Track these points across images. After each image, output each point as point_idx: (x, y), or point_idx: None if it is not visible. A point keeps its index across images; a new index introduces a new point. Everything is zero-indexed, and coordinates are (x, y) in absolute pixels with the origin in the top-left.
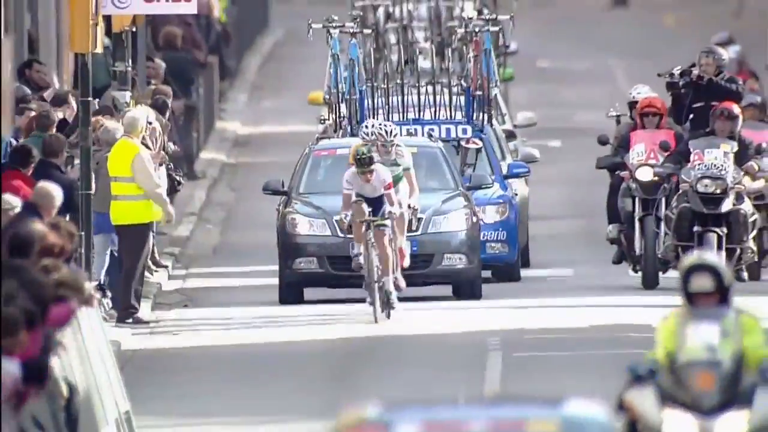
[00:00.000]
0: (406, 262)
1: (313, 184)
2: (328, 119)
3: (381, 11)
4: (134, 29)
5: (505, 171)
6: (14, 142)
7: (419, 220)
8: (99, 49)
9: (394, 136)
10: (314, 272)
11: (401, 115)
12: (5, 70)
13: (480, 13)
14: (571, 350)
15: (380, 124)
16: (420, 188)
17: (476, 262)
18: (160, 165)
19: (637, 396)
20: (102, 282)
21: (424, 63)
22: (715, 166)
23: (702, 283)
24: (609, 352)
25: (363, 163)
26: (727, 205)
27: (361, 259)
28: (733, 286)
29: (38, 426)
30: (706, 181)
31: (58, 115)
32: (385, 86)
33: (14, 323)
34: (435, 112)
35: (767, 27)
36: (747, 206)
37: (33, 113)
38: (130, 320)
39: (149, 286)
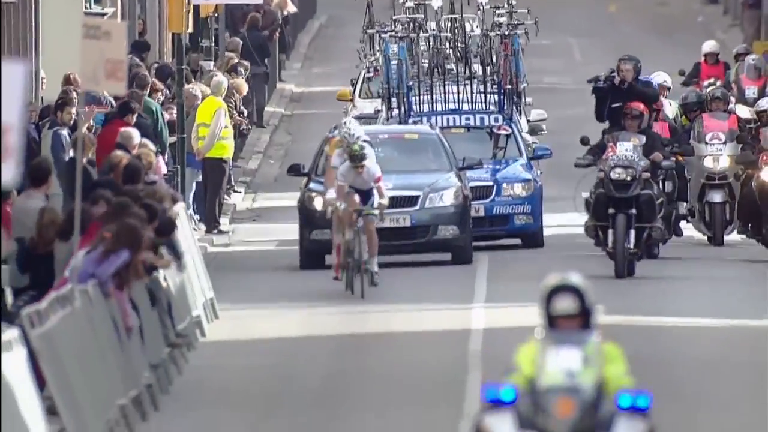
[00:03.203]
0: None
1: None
2: (381, 110)
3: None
4: (216, 15)
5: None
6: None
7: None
8: (190, 30)
9: (357, 138)
10: (330, 241)
11: (443, 105)
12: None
13: (510, 16)
14: (536, 258)
15: (347, 128)
16: (418, 169)
17: (467, 232)
18: (240, 116)
19: (495, 421)
20: (192, 202)
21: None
22: (625, 157)
23: (564, 305)
24: (565, 253)
25: (356, 158)
26: (635, 190)
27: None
28: (596, 308)
29: (134, 308)
30: (618, 170)
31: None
32: (430, 82)
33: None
34: (471, 103)
35: (688, 14)
36: (654, 190)
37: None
38: (215, 231)
39: (227, 206)
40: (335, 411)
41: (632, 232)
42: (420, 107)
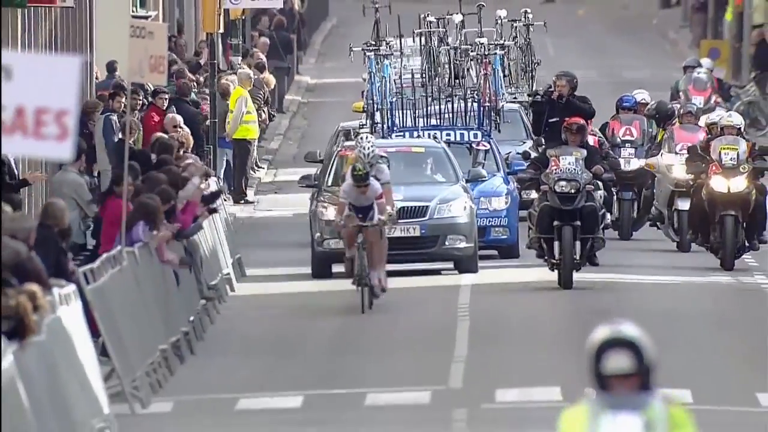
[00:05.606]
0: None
1: (338, 178)
2: (366, 124)
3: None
4: (244, 17)
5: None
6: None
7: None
8: (222, 30)
9: (372, 156)
10: (340, 250)
11: (425, 120)
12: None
13: (528, 29)
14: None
15: (363, 145)
16: (426, 181)
17: (474, 243)
18: (266, 105)
19: None
20: (222, 177)
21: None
22: (569, 170)
23: (619, 363)
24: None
25: (360, 179)
26: (579, 202)
27: (351, 264)
28: (656, 366)
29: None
30: (562, 183)
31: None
32: (413, 99)
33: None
34: (452, 119)
35: (645, 16)
36: (596, 203)
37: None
38: (242, 201)
39: (253, 179)
40: (344, 356)
41: (578, 244)
42: (403, 123)
